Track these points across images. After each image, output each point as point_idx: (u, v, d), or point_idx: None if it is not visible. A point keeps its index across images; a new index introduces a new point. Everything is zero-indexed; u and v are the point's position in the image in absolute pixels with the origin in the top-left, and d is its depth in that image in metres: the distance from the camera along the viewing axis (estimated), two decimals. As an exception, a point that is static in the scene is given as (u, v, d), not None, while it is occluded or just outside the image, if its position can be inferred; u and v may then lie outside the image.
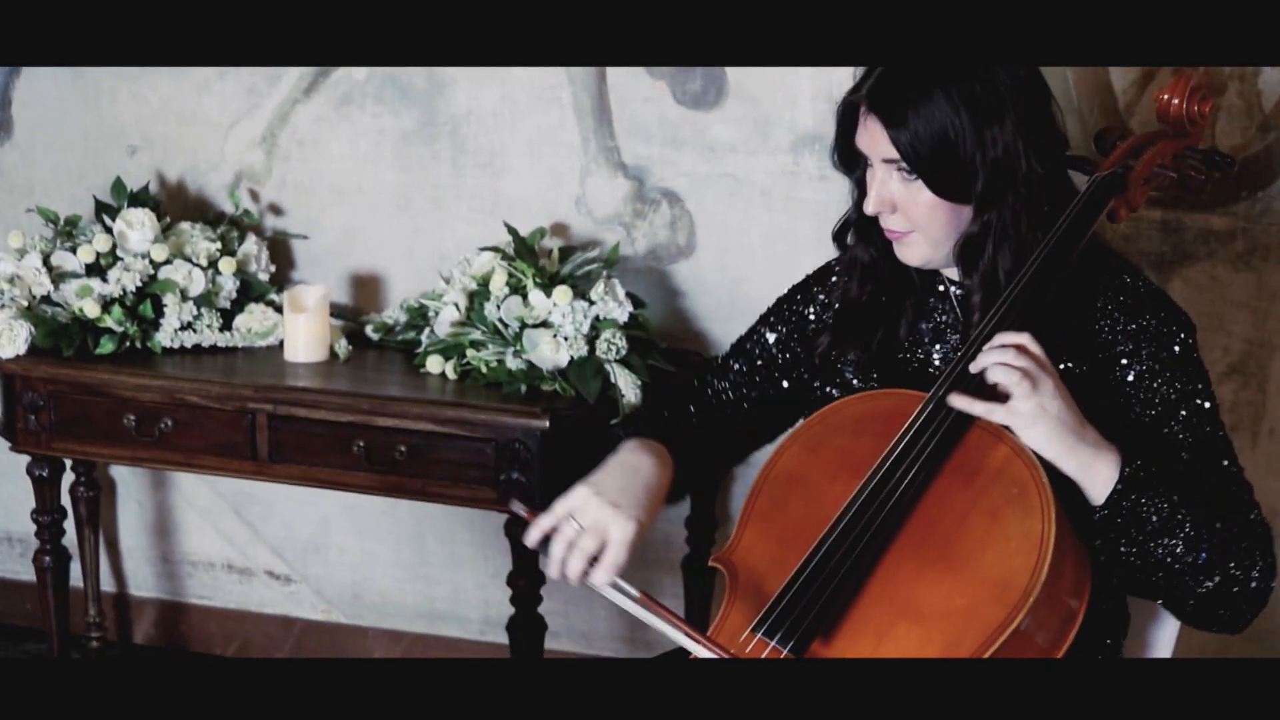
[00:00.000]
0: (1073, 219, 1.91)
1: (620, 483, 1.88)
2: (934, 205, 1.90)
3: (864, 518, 1.79)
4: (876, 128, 1.89)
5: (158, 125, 3.21)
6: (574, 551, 1.83)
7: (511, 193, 3.04)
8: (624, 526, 1.83)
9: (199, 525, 3.46)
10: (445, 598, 3.33)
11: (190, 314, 2.99)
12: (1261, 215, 2.69)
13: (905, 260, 1.98)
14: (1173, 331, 1.92)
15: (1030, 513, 1.75)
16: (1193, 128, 2.07)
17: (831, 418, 1.95)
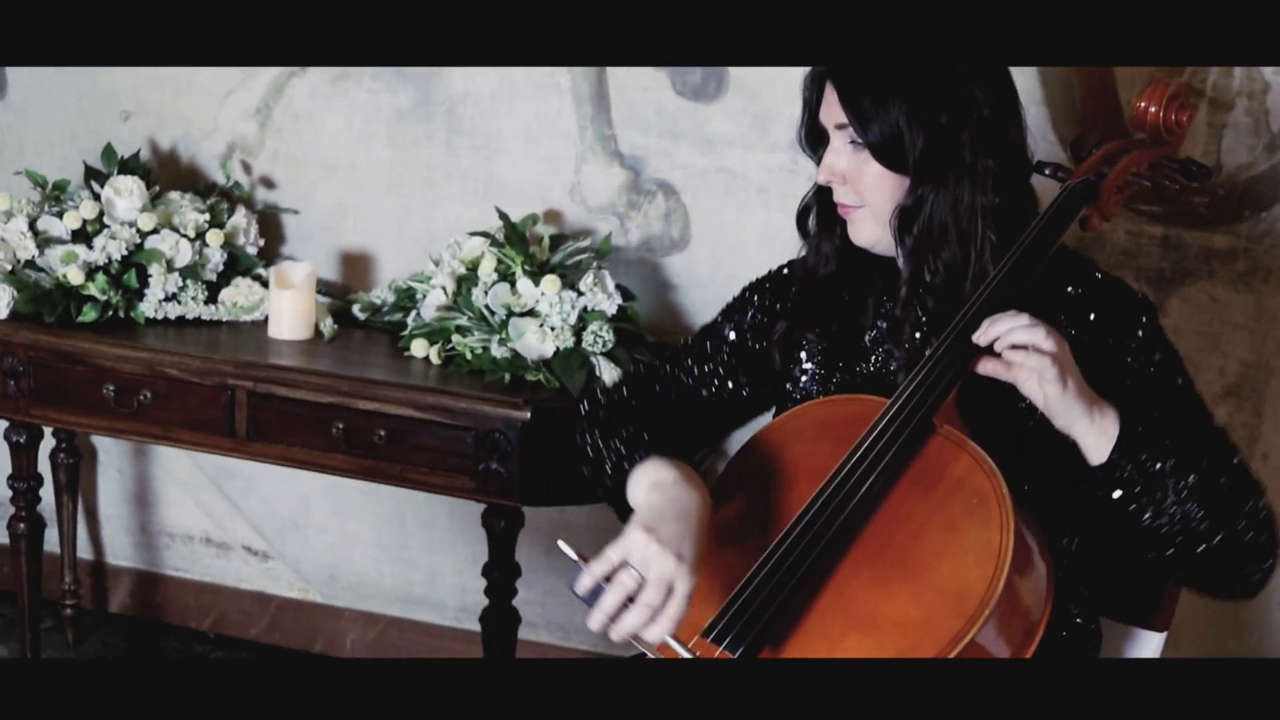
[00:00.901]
0: (1042, 226, 1.90)
1: (680, 529, 1.75)
2: (880, 178, 1.91)
3: (818, 524, 1.76)
4: (833, 94, 1.91)
5: (152, 91, 3.17)
6: (636, 607, 1.70)
7: (505, 177, 3.00)
8: (689, 580, 1.72)
9: (179, 497, 3.43)
10: (422, 582, 3.30)
11: (175, 285, 2.95)
12: (1264, 236, 2.64)
13: (856, 241, 1.97)
14: (1133, 315, 1.92)
15: (989, 524, 1.72)
16: (1170, 136, 2.03)
17: (792, 423, 1.92)
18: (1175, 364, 1.93)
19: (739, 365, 2.08)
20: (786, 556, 1.75)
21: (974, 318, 1.83)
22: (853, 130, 1.90)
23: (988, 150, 1.89)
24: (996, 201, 1.90)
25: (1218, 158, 2.63)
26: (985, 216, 1.90)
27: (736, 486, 1.90)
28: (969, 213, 1.89)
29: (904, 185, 1.91)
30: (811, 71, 1.97)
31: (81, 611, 3.43)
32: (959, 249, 1.90)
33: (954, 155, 1.88)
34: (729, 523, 1.87)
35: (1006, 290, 1.85)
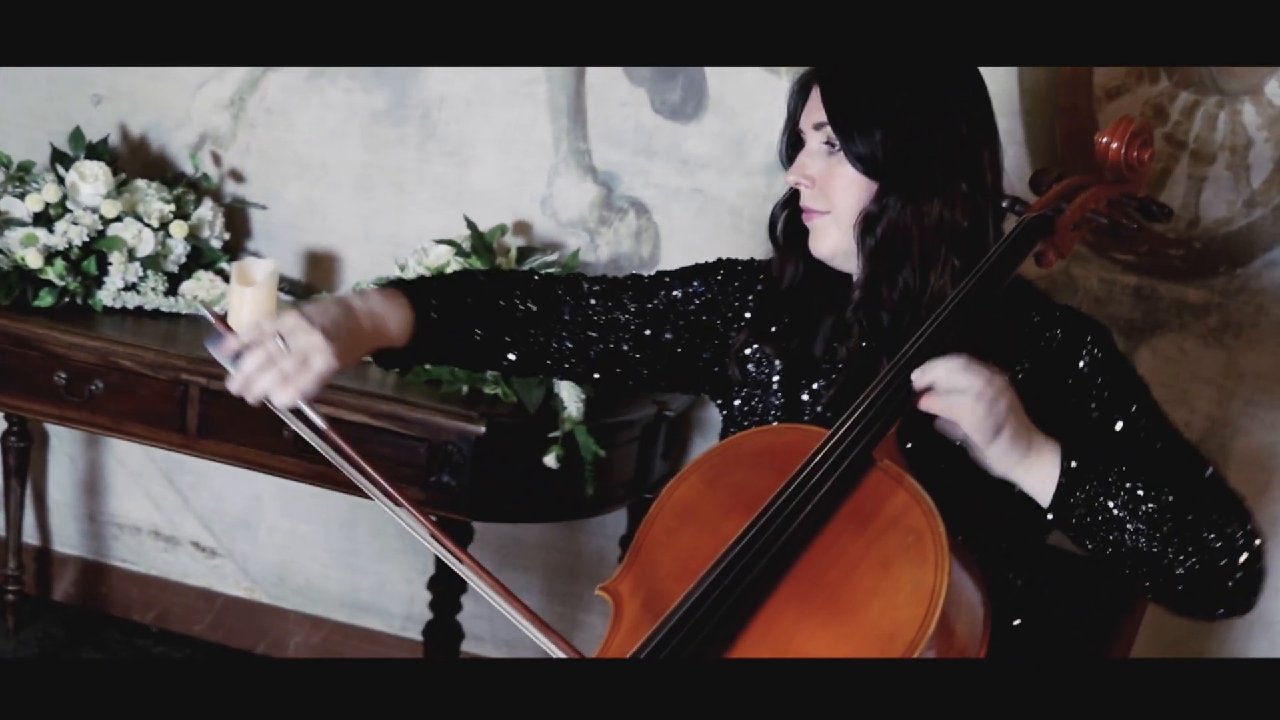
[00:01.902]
0: (996, 258, 1.86)
1: (335, 316, 1.82)
2: (851, 182, 1.89)
3: (748, 556, 1.71)
4: (817, 97, 1.90)
5: (126, 76, 3.13)
6: (268, 370, 1.77)
7: (476, 185, 2.96)
8: (327, 358, 1.79)
9: (129, 488, 3.38)
10: (370, 589, 3.26)
11: (135, 275, 2.91)
12: (1238, 292, 2.62)
13: (816, 250, 1.94)
14: (1084, 340, 1.90)
15: (923, 564, 1.67)
16: (1131, 174, 2.00)
17: (731, 450, 1.88)
18: (1133, 384, 1.91)
19: (661, 320, 2.03)
20: (715, 588, 1.70)
21: (920, 350, 1.79)
22: (831, 131, 1.88)
23: (961, 173, 1.88)
24: (964, 225, 1.88)
25: (1196, 210, 2.61)
26: (950, 237, 1.88)
27: (676, 513, 1.85)
28: (934, 230, 1.87)
29: (871, 191, 1.88)
30: (798, 78, 1.96)
31: (24, 598, 3.38)
32: (919, 265, 1.87)
33: (927, 170, 1.87)
34: (662, 551, 1.83)
35: (957, 321, 1.82)
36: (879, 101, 1.87)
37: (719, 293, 2.05)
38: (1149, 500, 1.77)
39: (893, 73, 1.88)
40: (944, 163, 1.87)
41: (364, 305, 1.87)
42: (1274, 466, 2.65)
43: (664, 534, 1.84)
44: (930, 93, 1.88)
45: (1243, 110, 2.56)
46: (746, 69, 2.76)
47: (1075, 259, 2.67)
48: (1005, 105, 2.65)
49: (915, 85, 1.88)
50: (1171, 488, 1.79)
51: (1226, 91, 2.57)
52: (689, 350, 2.04)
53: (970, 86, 1.92)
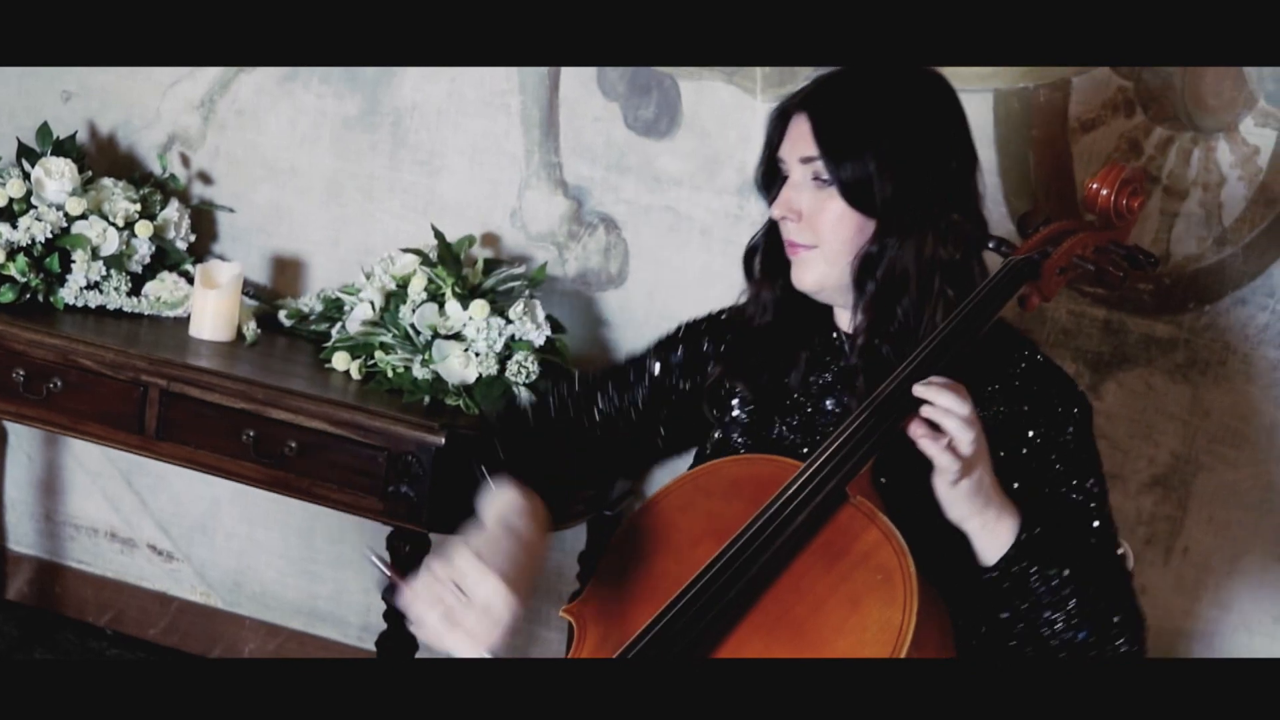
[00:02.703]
0: (979, 300, 1.84)
1: (509, 553, 1.72)
2: (841, 217, 1.86)
3: (716, 586, 1.70)
4: (804, 126, 1.87)
5: (97, 74, 3.10)
6: (454, 626, 1.65)
7: (446, 195, 2.94)
8: (512, 606, 1.65)
9: (87, 488, 3.35)
10: (328, 597, 3.23)
11: (99, 274, 2.88)
12: (1206, 329, 2.61)
13: (800, 283, 1.92)
14: (1067, 408, 1.88)
15: (891, 602, 1.66)
16: (1119, 221, 1.98)
17: (704, 478, 1.87)
18: (1093, 465, 1.89)
19: (659, 400, 2.03)
20: (681, 616, 1.69)
21: (898, 389, 1.77)
22: (821, 165, 1.85)
23: (953, 204, 1.86)
24: (956, 257, 1.86)
25: (1167, 246, 2.60)
26: (945, 270, 1.86)
27: (643, 540, 1.84)
28: (930, 264, 1.85)
29: (863, 227, 1.86)
30: (777, 106, 1.93)
31: (-24, 595, 3.35)
32: (916, 301, 1.85)
33: (922, 204, 1.84)
34: (629, 575, 1.82)
35: (939, 359, 1.80)
36: (871, 135, 1.84)
37: (689, 357, 2.04)
38: (1076, 599, 1.77)
39: (882, 103, 1.86)
40: (938, 195, 1.85)
41: (520, 524, 1.78)
42: (1236, 504, 2.64)
43: (632, 559, 1.83)
44: (920, 124, 1.86)
45: (1217, 147, 2.56)
46: (721, 87, 2.75)
47: (1044, 290, 2.66)
48: (980, 134, 2.60)
49: (905, 117, 1.86)
50: (1100, 592, 1.79)
51: (1201, 128, 2.56)
52: (689, 416, 2.03)
53: (953, 113, 1.91)
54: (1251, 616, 2.66)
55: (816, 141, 1.85)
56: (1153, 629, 2.62)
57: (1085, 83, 2.59)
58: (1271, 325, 2.57)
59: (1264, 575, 2.65)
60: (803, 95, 1.90)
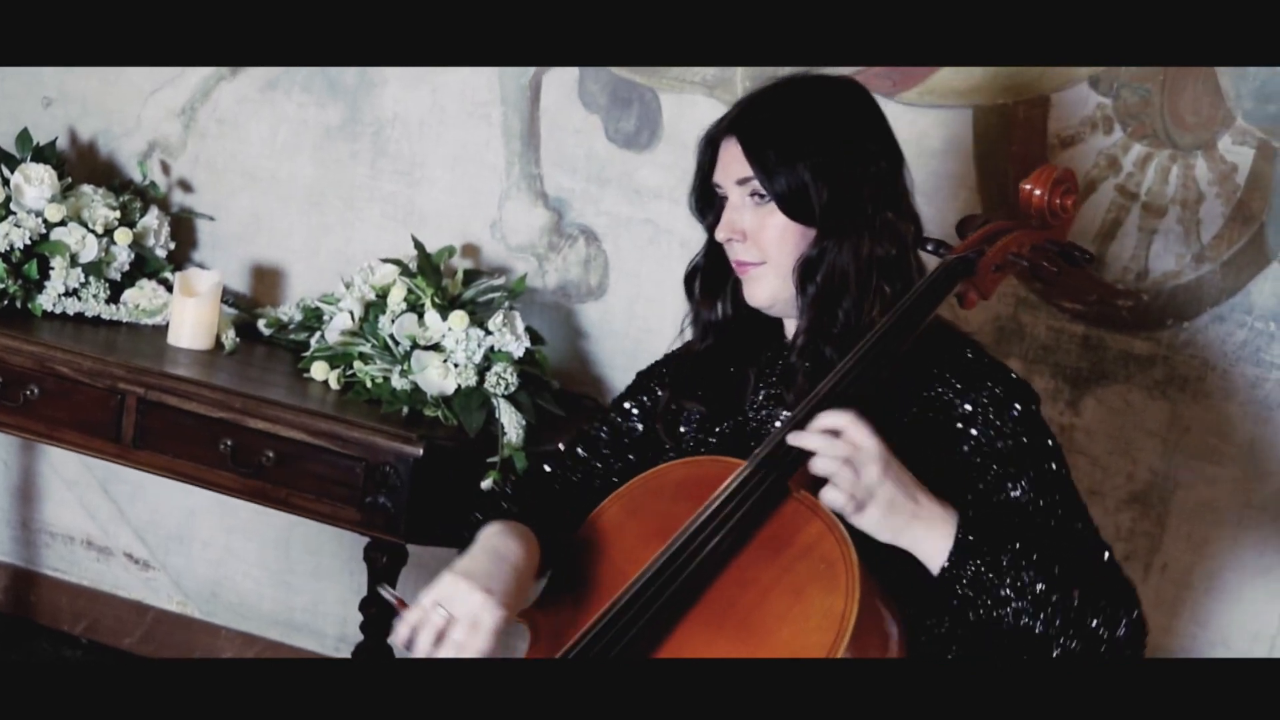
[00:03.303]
0: (917, 297, 1.88)
1: (488, 568, 1.80)
2: (784, 230, 1.91)
3: (659, 582, 1.74)
4: (735, 149, 1.92)
5: (78, 80, 3.10)
6: (444, 644, 1.74)
7: (426, 205, 2.94)
8: (495, 614, 1.75)
9: (64, 496, 3.33)
10: (304, 608, 3.21)
11: (77, 281, 2.87)
12: (1184, 346, 2.61)
13: (753, 300, 1.96)
14: (1011, 398, 1.89)
15: (834, 590, 1.69)
16: (1054, 220, 2.02)
17: (653, 481, 1.90)
18: (1050, 450, 1.89)
19: (626, 448, 2.08)
20: (624, 612, 1.73)
21: (836, 385, 1.80)
22: (757, 183, 1.90)
23: (886, 202, 1.91)
24: (893, 253, 1.91)
25: (1145, 263, 2.61)
26: (881, 267, 1.90)
27: (594, 543, 1.88)
28: (868, 263, 1.89)
29: (805, 236, 1.91)
30: (705, 134, 1.98)
31: (-50, 603, 3.34)
32: (857, 300, 1.89)
33: (857, 206, 1.89)
34: (581, 579, 1.85)
35: (877, 357, 1.83)
36: (801, 148, 1.89)
37: (648, 403, 2.08)
38: (1039, 582, 1.77)
39: (806, 115, 1.91)
40: (870, 195, 1.90)
41: (507, 547, 1.84)
42: (1214, 521, 2.65)
43: (585, 562, 1.86)
44: (844, 129, 1.92)
45: (1195, 165, 2.56)
46: (702, 100, 2.76)
47: (1024, 306, 2.67)
48: (959, 149, 2.65)
49: (830, 124, 1.91)
50: (1063, 569, 1.78)
51: (1180, 145, 2.57)
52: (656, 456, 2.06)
53: (874, 115, 1.96)
54: (1230, 633, 2.66)
55: (750, 162, 1.90)
56: (1130, 645, 2.65)
57: (1064, 99, 2.60)
58: (1249, 342, 2.58)
59: (1242, 592, 2.65)
60: (729, 119, 1.96)
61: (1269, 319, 2.57)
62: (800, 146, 1.89)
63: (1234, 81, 2.52)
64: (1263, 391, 2.58)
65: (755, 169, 1.90)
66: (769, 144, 1.90)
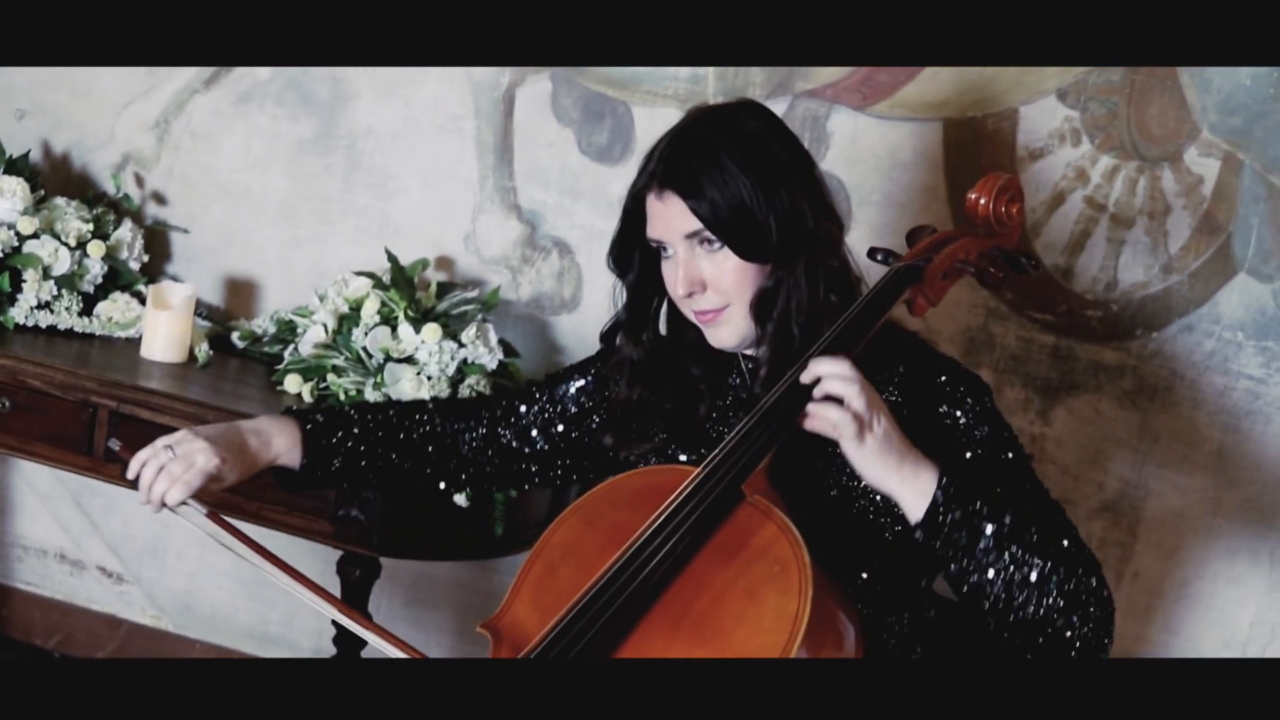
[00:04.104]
0: (864, 305, 1.90)
1: (221, 430, 2.02)
2: (742, 271, 1.91)
3: (614, 586, 1.76)
4: (675, 204, 1.91)
5: (51, 92, 3.09)
6: (160, 474, 1.96)
7: (400, 218, 2.95)
8: (209, 458, 1.96)
9: (36, 509, 3.32)
10: (279, 621, 3.21)
11: (50, 294, 2.86)
12: (1153, 356, 2.63)
13: (720, 344, 1.97)
14: (960, 391, 1.92)
15: (787, 591, 1.71)
16: (1000, 228, 2.05)
17: (611, 491, 1.92)
18: (1006, 437, 1.92)
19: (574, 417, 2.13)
20: (580, 618, 1.75)
21: (783, 396, 1.82)
22: (707, 232, 1.89)
23: (819, 211, 1.92)
24: (834, 264, 1.94)
25: (1114, 273, 2.63)
26: (828, 281, 1.92)
27: (555, 552, 1.89)
28: (817, 279, 1.91)
29: (761, 271, 1.91)
30: (631, 194, 1.96)
31: (-77, 618, 3.32)
32: (809, 315, 1.91)
33: (801, 227, 1.90)
34: (542, 588, 1.87)
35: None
36: (740, 186, 1.88)
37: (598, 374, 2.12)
38: (1014, 542, 1.79)
39: (731, 150, 1.90)
40: (808, 210, 1.91)
41: (250, 422, 2.07)
42: (1185, 529, 2.66)
43: (543, 572, 1.89)
44: (766, 151, 1.91)
45: (1162, 177, 2.58)
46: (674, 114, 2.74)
47: (994, 317, 2.68)
48: (930, 161, 2.67)
49: (753, 150, 1.90)
50: (1037, 532, 1.81)
51: (1147, 157, 2.59)
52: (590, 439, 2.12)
53: (777, 125, 1.96)
54: (1201, 641, 2.68)
55: (695, 214, 1.89)
56: (1101, 654, 2.66)
57: (1032, 112, 2.62)
58: (1218, 352, 2.60)
59: (1213, 600, 2.67)
60: (658, 173, 1.92)
61: (1236, 328, 2.59)
62: (737, 184, 1.88)
63: (1199, 94, 2.55)
64: (1231, 400, 2.60)
65: (704, 219, 1.88)
66: (707, 191, 1.88)
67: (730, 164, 1.88)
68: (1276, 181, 2.54)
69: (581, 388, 2.14)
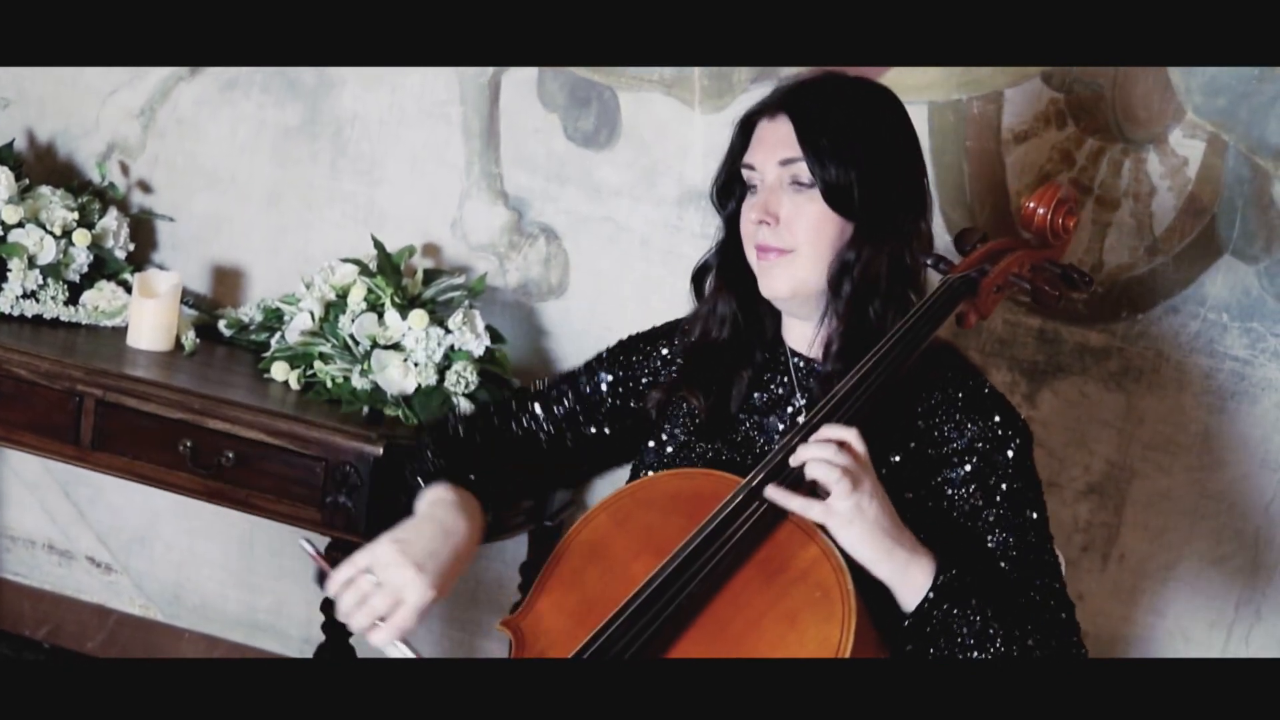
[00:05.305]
0: (917, 317, 1.85)
1: (430, 545, 1.77)
2: (821, 219, 1.86)
3: (657, 602, 1.70)
4: (784, 126, 1.87)
5: (35, 81, 3.09)
6: (363, 608, 1.73)
7: (386, 205, 2.94)
8: (421, 593, 1.73)
9: (24, 499, 3.32)
10: (268, 609, 3.21)
11: (35, 282, 2.86)
12: (1139, 338, 2.64)
13: (772, 290, 1.90)
14: (1009, 436, 1.87)
15: (830, 619, 1.67)
16: (1055, 240, 2.02)
17: (643, 492, 1.86)
18: (1034, 496, 1.88)
19: (607, 413, 2.03)
20: (621, 633, 1.70)
21: (838, 404, 1.78)
22: (801, 167, 1.85)
23: (923, 211, 1.90)
24: (925, 262, 1.90)
25: (1099, 255, 2.63)
26: (910, 277, 1.89)
27: (581, 552, 1.84)
28: (901, 270, 1.87)
29: (842, 233, 1.86)
30: (745, 114, 1.93)
31: (-90, 609, 3.31)
32: (883, 306, 1.87)
33: (898, 209, 1.87)
34: (568, 589, 1.82)
35: (876, 381, 1.80)
36: (855, 143, 1.85)
37: (625, 371, 2.04)
38: (1002, 639, 1.75)
39: (857, 107, 1.88)
40: (910, 202, 1.88)
41: (440, 518, 1.81)
42: (1170, 511, 2.67)
43: (570, 572, 1.83)
44: (889, 128, 1.90)
45: (1147, 159, 2.59)
46: (660, 99, 2.77)
47: (980, 300, 2.69)
48: (915, 144, 2.67)
49: (877, 120, 1.89)
50: (1027, 631, 1.77)
51: (1131, 139, 2.60)
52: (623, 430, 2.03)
53: (909, 122, 1.94)
54: (1187, 622, 2.68)
55: (801, 143, 1.85)
56: (1090, 635, 2.66)
57: (1017, 95, 2.62)
58: (1203, 333, 2.61)
59: (1198, 581, 2.68)
60: (779, 98, 1.90)
61: (1221, 310, 2.60)
62: (853, 140, 1.85)
63: (1184, 76, 2.55)
64: (1216, 382, 2.61)
65: (806, 151, 1.84)
66: (824, 130, 1.85)
67: (853, 121, 1.86)
68: (1261, 163, 2.55)
69: (613, 383, 2.05)
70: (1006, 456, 1.86)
